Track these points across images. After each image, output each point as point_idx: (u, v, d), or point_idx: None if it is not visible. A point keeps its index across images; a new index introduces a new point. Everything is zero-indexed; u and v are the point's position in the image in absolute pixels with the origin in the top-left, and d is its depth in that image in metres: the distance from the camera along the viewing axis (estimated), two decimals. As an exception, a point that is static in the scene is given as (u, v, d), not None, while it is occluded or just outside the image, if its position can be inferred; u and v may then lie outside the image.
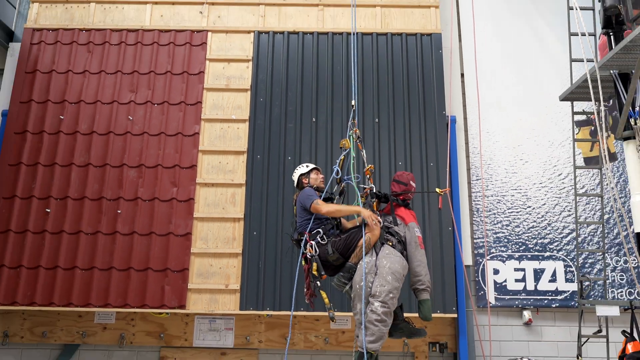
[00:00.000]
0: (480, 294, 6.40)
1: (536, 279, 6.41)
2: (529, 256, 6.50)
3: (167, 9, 7.13)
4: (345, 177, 4.56)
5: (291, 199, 5.91)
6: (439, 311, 5.91)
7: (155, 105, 6.68)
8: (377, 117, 6.63)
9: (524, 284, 6.41)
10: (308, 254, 4.25)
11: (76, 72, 6.80)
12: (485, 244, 6.55)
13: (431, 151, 6.48)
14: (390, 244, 4.20)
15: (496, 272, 6.46)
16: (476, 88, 6.84)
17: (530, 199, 6.70)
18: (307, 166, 4.69)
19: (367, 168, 4.57)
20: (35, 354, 6.37)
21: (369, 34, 6.96)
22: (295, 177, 4.67)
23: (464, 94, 7.10)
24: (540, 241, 6.54)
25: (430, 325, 6.05)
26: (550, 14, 7.24)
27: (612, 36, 4.73)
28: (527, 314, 6.30)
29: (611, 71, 4.66)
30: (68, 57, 6.87)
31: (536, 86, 7.05)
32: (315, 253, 4.22)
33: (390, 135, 6.58)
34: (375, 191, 4.50)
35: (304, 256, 4.30)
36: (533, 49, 7.22)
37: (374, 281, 4.01)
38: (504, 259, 6.51)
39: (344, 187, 4.64)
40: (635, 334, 4.92)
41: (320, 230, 4.30)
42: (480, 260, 6.50)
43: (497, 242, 6.56)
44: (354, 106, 4.86)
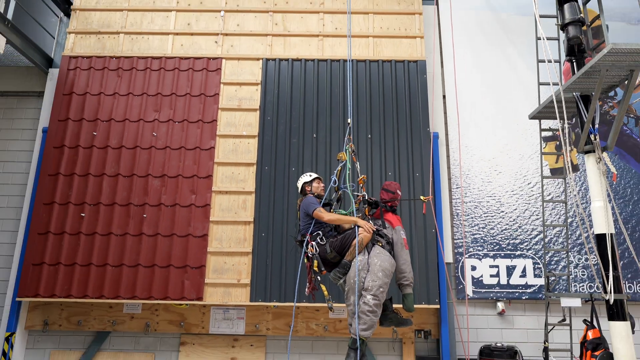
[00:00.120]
0: (459, 287, 6.67)
1: (508, 275, 6.66)
2: (502, 255, 6.75)
3: (187, 39, 7.42)
4: (342, 186, 4.65)
5: (295, 205, 6.29)
6: (423, 302, 6.16)
7: (177, 123, 6.95)
8: (369, 133, 6.88)
9: (497, 279, 6.66)
10: (309, 252, 4.37)
11: (107, 94, 7.10)
12: (464, 244, 6.79)
13: (417, 163, 6.72)
14: (380, 244, 4.29)
15: (474, 268, 6.73)
16: (456, 108, 7.22)
17: (504, 204, 6.97)
18: (310, 175, 4.78)
19: (360, 178, 4.66)
20: (71, 340, 6.67)
21: (362, 60, 7.24)
22: (299, 184, 4.77)
23: (445, 113, 7.40)
24: (512, 241, 6.81)
25: (415, 315, 6.38)
26: (521, 43, 7.56)
27: (574, 63, 5.05)
28: (500, 305, 6.58)
29: (574, 93, 4.97)
30: (100, 81, 7.16)
31: (509, 106, 7.33)
32: (315, 252, 4.34)
33: (381, 149, 6.81)
34: (367, 198, 4.59)
35: (306, 255, 4.42)
36: (506, 74, 7.51)
37: (366, 277, 4.10)
38: (481, 257, 6.78)
39: (341, 194, 4.72)
40: (595, 323, 5.08)
41: (320, 232, 4.43)
42: (460, 258, 6.77)
43: (475, 242, 6.83)
44: (349, 124, 4.99)
